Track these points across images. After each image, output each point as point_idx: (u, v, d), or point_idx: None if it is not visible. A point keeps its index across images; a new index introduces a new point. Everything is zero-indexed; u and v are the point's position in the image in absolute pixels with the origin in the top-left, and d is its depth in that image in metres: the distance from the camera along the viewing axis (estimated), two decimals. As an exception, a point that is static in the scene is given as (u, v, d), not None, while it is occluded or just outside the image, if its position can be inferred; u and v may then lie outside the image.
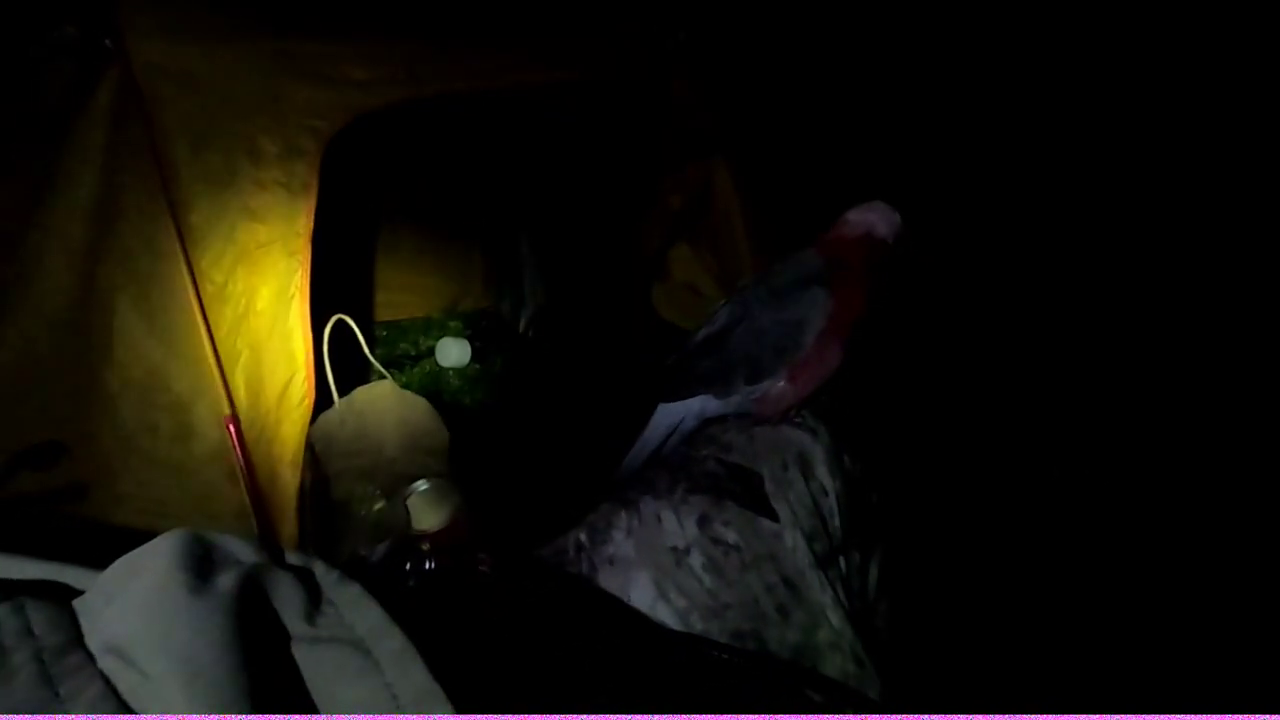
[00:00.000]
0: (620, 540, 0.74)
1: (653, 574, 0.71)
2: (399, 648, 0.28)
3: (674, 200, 1.89)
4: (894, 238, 0.90)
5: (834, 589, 0.74)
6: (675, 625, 0.69)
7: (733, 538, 0.73)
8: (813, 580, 0.73)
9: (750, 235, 1.77)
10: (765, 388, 0.87)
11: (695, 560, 0.71)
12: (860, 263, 0.88)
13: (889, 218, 0.90)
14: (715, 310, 0.95)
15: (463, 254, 2.44)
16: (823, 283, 0.86)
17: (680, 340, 0.99)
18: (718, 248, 1.90)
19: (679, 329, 1.98)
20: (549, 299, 2.19)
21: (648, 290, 2.13)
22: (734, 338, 0.89)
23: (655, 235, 2.03)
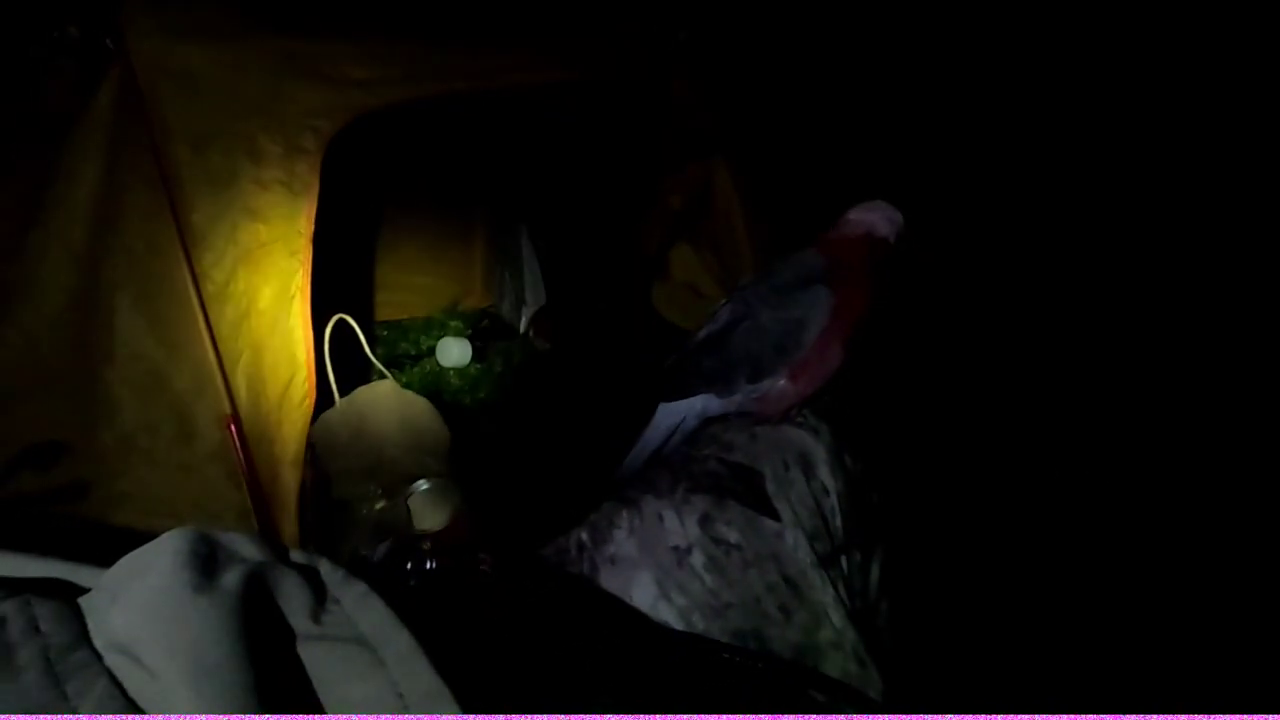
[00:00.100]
0: (622, 540, 0.74)
1: (654, 573, 0.71)
2: (405, 647, 0.28)
3: (674, 200, 1.89)
4: (895, 237, 0.90)
5: (835, 588, 0.74)
6: (677, 625, 0.69)
7: (734, 537, 0.73)
8: (814, 579, 0.73)
9: (750, 235, 1.77)
10: (766, 387, 0.87)
11: (697, 560, 0.71)
12: (861, 262, 0.88)
13: (890, 217, 0.90)
14: (716, 309, 0.95)
15: (463, 254, 2.44)
16: (824, 282, 0.86)
17: (681, 340, 0.99)
18: (718, 248, 1.90)
19: (679, 329, 1.98)
20: (549, 299, 2.19)
21: (648, 290, 2.13)
22: (735, 337, 0.89)
23: (655, 235, 2.03)
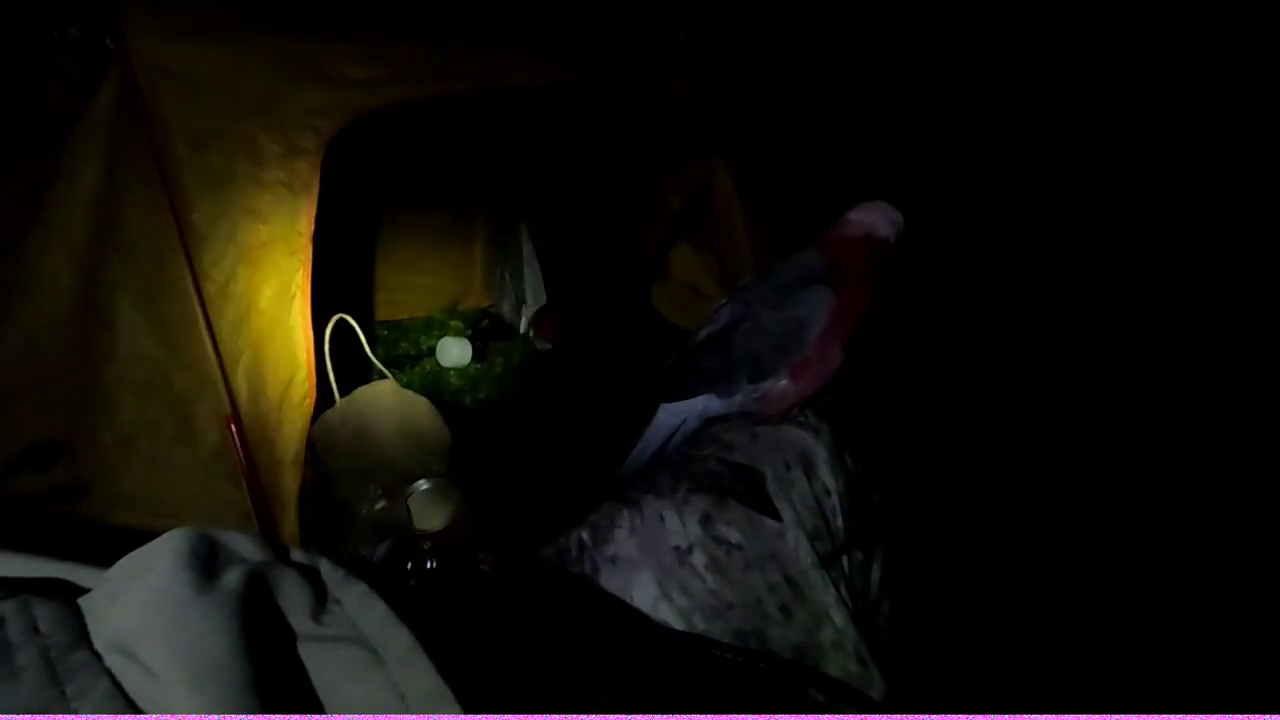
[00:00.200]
0: (623, 539, 0.74)
1: (655, 573, 0.71)
2: (406, 647, 0.28)
3: (674, 200, 1.89)
4: (895, 237, 0.90)
5: (837, 588, 0.74)
6: (678, 625, 0.69)
7: (735, 537, 0.73)
8: (815, 580, 0.73)
9: (750, 235, 1.78)
10: (767, 387, 0.87)
11: (698, 560, 0.71)
12: (862, 262, 0.88)
13: (890, 217, 0.90)
14: (717, 309, 0.94)
15: (463, 254, 2.44)
16: (824, 282, 0.86)
17: (681, 340, 0.99)
18: (718, 248, 1.90)
19: (679, 329, 1.98)
20: (549, 299, 2.19)
21: (648, 290, 2.13)
22: (736, 337, 0.89)
23: (655, 235, 2.03)
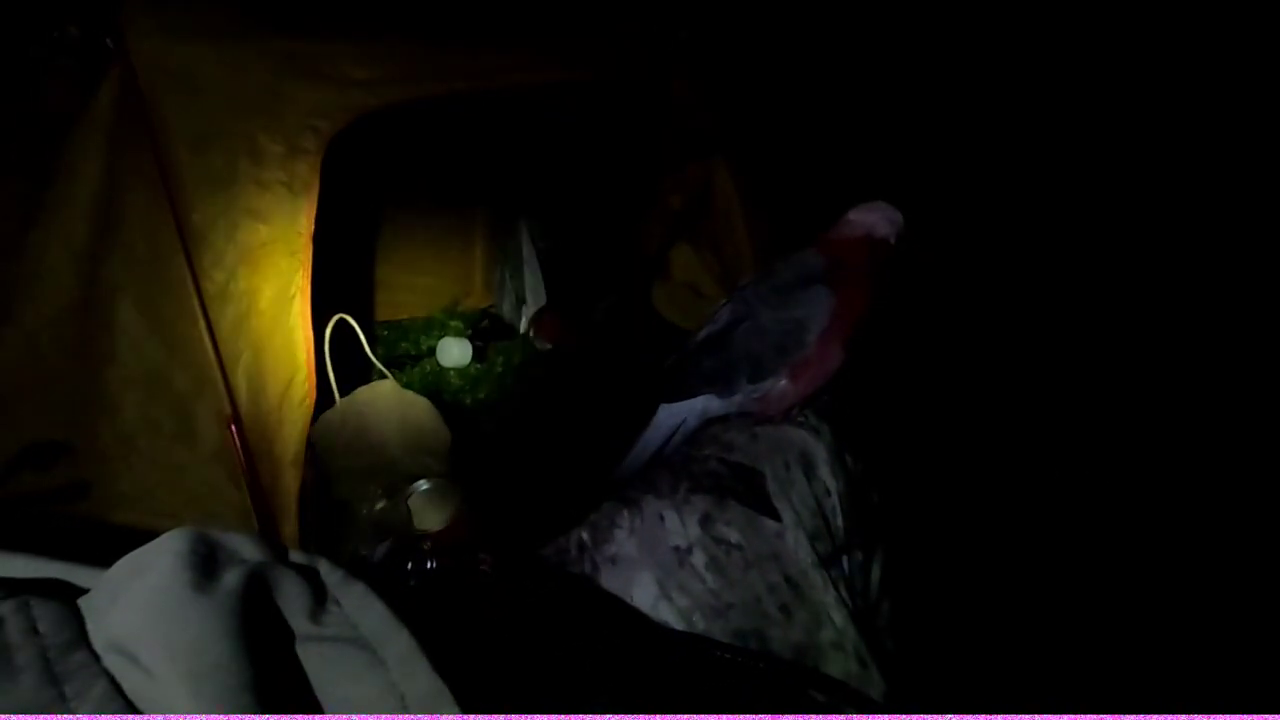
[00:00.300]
0: (622, 539, 0.74)
1: (655, 573, 0.71)
2: (405, 647, 0.28)
3: (674, 200, 1.89)
4: (895, 237, 0.90)
5: (836, 588, 0.74)
6: (678, 625, 0.69)
7: (735, 537, 0.73)
8: (815, 580, 0.73)
9: (750, 235, 1.77)
10: (767, 387, 0.87)
11: (698, 559, 0.71)
12: (862, 262, 0.88)
13: (890, 217, 0.90)
14: (717, 310, 0.95)
15: (463, 254, 2.44)
16: (824, 282, 0.86)
17: (681, 340, 0.99)
18: (718, 248, 1.90)
19: (679, 329, 1.98)
20: (549, 299, 2.19)
21: (648, 290, 2.13)
22: (736, 337, 0.89)
23: (655, 235, 2.03)
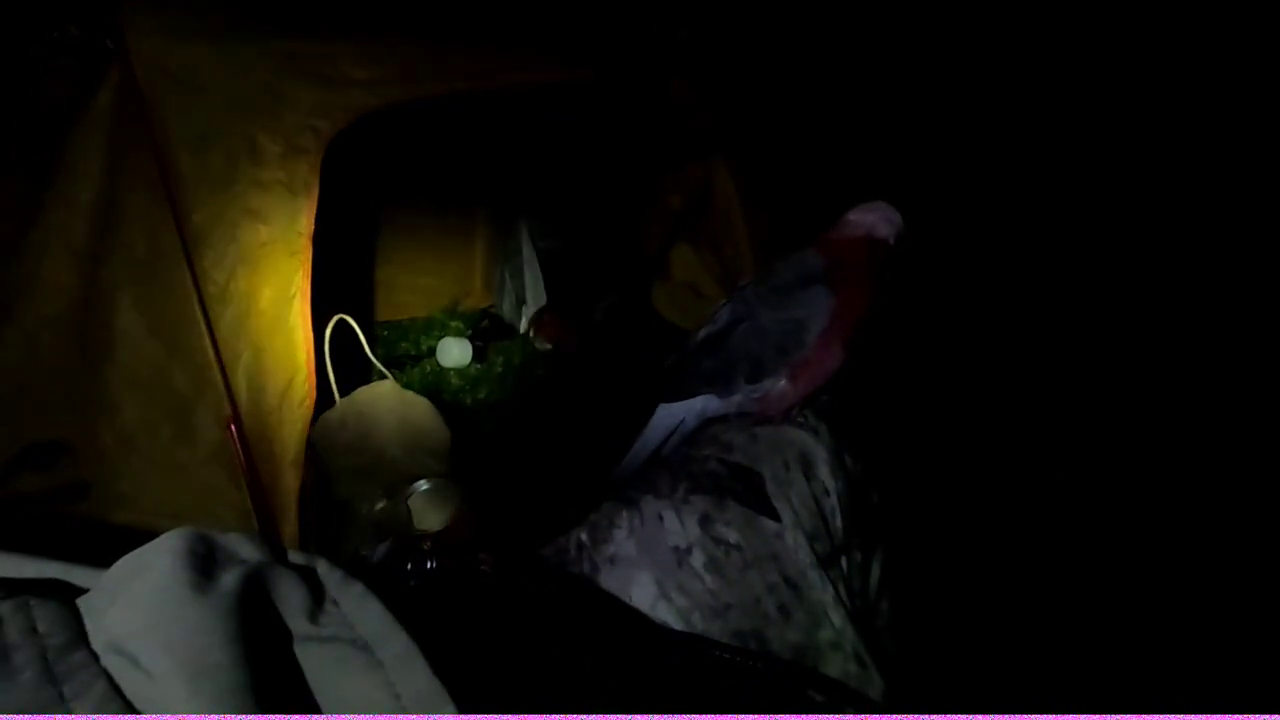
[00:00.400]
0: (622, 540, 0.74)
1: (654, 573, 0.71)
2: (402, 647, 0.28)
3: (674, 200, 1.89)
4: (895, 237, 0.90)
5: (835, 589, 0.74)
6: (677, 625, 0.69)
7: (734, 537, 0.73)
8: (814, 580, 0.73)
9: (750, 235, 1.78)
10: (767, 387, 0.87)
11: (697, 560, 0.71)
12: (862, 262, 0.88)
13: (890, 217, 0.90)
14: (716, 310, 0.95)
15: (463, 254, 2.44)
16: (824, 282, 0.86)
17: (680, 340, 0.99)
18: (718, 248, 1.90)
19: (679, 329, 1.98)
20: (549, 299, 2.19)
21: (648, 290, 2.13)
22: (735, 337, 0.89)
23: (655, 235, 2.03)
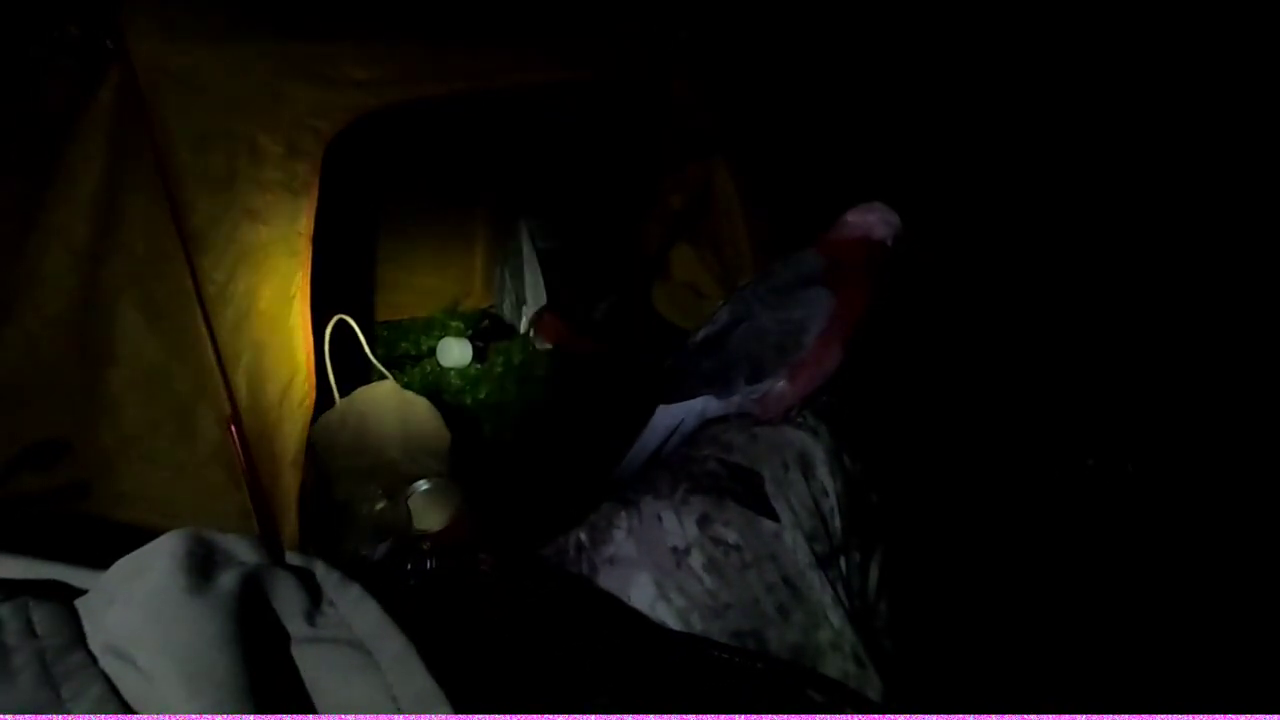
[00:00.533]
0: (621, 540, 0.74)
1: (653, 574, 0.71)
2: (399, 648, 0.28)
3: (674, 200, 1.89)
4: (893, 238, 0.90)
5: (834, 589, 0.74)
6: (675, 625, 0.69)
7: (733, 538, 0.73)
8: (813, 580, 0.73)
9: (750, 235, 1.78)
10: (766, 388, 0.87)
11: (696, 560, 0.71)
12: (861, 263, 0.88)
13: (888, 218, 0.91)
14: (716, 310, 0.95)
15: (463, 254, 2.44)
16: (823, 283, 0.86)
17: (680, 340, 0.99)
18: (718, 248, 1.90)
19: (679, 329, 1.98)
20: (549, 299, 2.19)
21: (648, 290, 2.13)
22: (735, 338, 0.89)
23: (655, 235, 2.03)
